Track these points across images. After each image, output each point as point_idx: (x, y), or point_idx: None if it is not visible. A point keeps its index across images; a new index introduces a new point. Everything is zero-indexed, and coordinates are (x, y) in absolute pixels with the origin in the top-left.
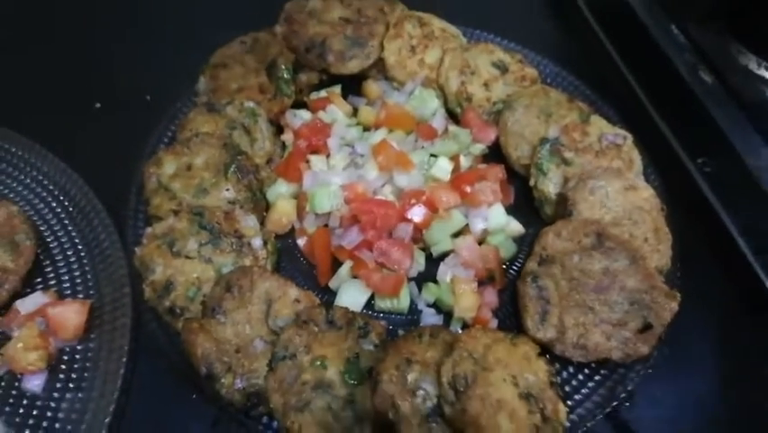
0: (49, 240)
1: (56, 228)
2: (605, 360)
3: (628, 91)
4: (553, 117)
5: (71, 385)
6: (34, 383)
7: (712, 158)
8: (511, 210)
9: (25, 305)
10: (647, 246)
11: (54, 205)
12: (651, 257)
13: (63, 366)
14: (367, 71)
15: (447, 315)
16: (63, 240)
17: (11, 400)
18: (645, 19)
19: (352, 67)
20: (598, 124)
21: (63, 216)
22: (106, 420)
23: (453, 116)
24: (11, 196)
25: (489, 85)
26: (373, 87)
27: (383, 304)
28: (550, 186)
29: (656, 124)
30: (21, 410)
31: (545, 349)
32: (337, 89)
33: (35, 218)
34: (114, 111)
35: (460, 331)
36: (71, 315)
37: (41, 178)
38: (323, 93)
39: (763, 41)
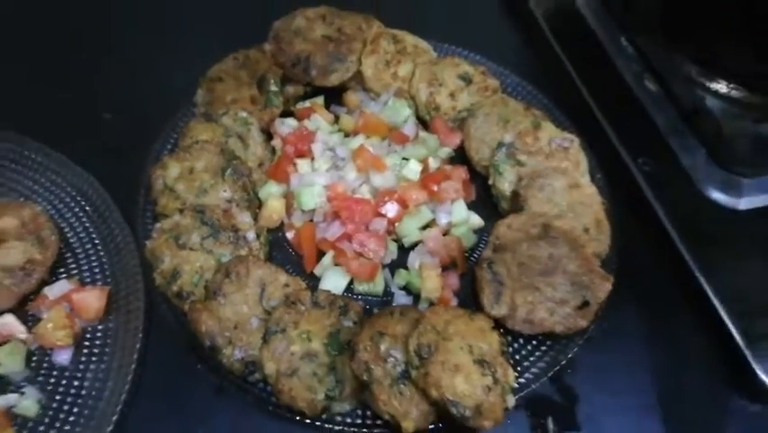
0: (69, 236)
1: (75, 225)
2: (549, 333)
3: (580, 98)
4: (510, 123)
5: (94, 359)
6: (63, 357)
7: (651, 158)
8: (473, 206)
9: (53, 291)
10: (587, 236)
11: (73, 205)
12: (591, 245)
13: (87, 343)
14: (347, 83)
15: (416, 296)
16: (82, 235)
17: (43, 372)
18: (598, 31)
19: (334, 80)
20: (549, 130)
21: (82, 214)
22: (125, 387)
23: (423, 123)
24: (35, 198)
25: (454, 95)
26: (352, 97)
27: (361, 288)
28: (505, 184)
29: (603, 127)
30: (52, 380)
31: (499, 324)
32: (320, 100)
33: (57, 217)
34: (122, 121)
35: None
36: (92, 299)
37: (60, 181)
38: (307, 103)
39: (704, 51)
